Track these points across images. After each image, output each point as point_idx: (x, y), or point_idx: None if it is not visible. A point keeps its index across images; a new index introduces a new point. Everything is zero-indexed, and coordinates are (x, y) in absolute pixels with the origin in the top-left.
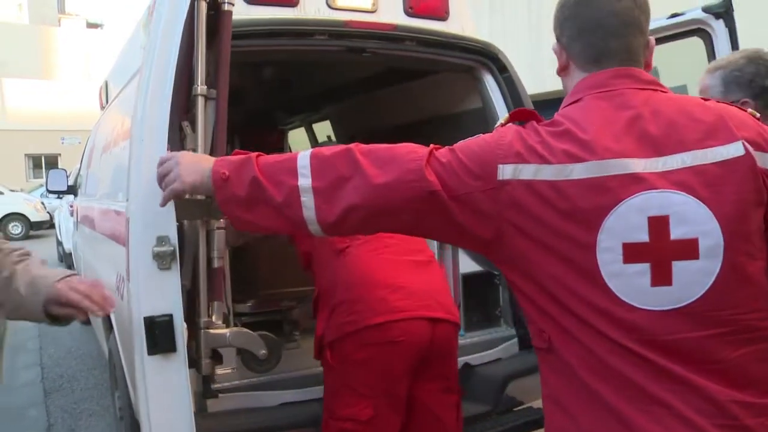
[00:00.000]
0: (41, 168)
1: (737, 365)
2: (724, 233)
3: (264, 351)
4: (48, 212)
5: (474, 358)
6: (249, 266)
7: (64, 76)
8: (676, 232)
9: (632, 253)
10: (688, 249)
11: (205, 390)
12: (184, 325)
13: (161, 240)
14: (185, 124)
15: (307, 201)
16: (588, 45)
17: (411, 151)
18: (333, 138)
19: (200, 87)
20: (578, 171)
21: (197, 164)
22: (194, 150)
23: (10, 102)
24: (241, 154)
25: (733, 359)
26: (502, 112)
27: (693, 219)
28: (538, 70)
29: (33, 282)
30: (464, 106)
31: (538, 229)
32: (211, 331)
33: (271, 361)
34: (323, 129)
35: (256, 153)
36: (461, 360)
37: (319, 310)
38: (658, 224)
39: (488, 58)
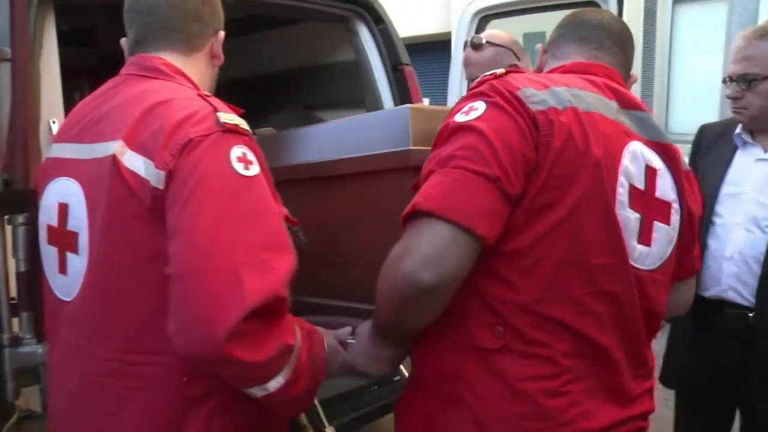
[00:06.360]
0: None
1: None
2: (94, 234)
3: None
4: None
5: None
6: None
7: None
8: (70, 223)
9: (51, 237)
10: (71, 242)
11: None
12: None
13: None
14: None
15: None
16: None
17: None
18: None
19: None
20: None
21: None
22: None
23: None
24: None
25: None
26: (377, 65)
27: (76, 212)
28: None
29: None
30: (336, 58)
31: None
32: (19, 349)
33: None
34: None
35: None
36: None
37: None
38: (62, 211)
39: (362, 7)
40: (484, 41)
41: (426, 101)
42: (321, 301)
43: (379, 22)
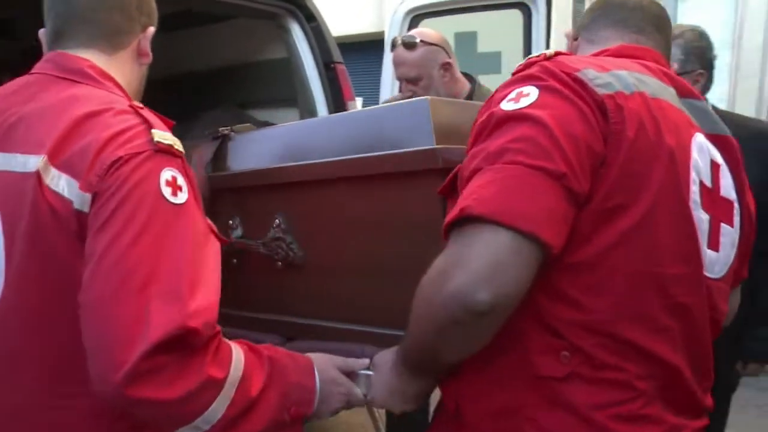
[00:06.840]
0: None
1: None
2: (11, 256)
3: None
4: None
5: None
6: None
7: None
8: None
9: None
10: None
11: None
12: None
13: None
14: None
15: None
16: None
17: None
18: None
19: None
20: None
21: None
22: None
23: None
24: None
25: None
26: (309, 64)
27: None
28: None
29: None
30: (267, 56)
31: None
32: None
33: None
34: None
35: None
36: None
37: None
38: None
39: (294, 4)
40: (417, 40)
41: (359, 101)
42: (323, 323)
43: (311, 20)
